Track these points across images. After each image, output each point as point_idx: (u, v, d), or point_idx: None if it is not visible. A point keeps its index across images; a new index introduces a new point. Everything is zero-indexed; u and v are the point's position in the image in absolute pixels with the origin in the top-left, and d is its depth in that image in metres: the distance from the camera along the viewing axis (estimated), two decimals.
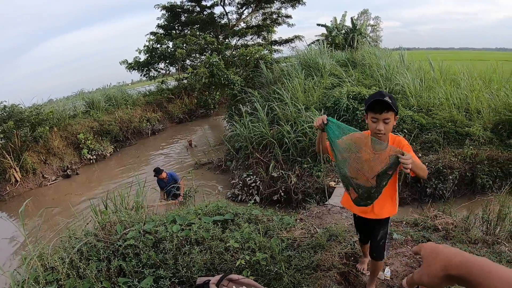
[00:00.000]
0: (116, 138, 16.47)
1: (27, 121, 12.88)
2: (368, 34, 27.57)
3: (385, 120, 2.67)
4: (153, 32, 24.54)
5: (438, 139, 8.13)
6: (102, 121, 16.27)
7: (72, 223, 4.39)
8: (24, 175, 12.67)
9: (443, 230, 4.58)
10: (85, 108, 17.63)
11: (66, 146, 14.50)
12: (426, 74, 11.54)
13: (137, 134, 17.53)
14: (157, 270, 3.10)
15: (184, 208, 4.70)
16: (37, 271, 3.15)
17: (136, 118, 17.73)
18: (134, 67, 22.46)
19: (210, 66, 15.06)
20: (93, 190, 11.23)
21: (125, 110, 17.91)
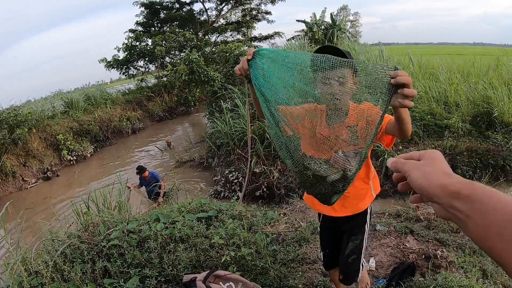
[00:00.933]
0: (96, 138, 16.28)
1: (5, 123, 12.66)
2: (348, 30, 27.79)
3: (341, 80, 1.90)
4: (132, 30, 24.39)
5: (418, 131, 8.26)
6: (82, 121, 16.06)
7: (54, 226, 4.35)
8: (4, 178, 12.45)
9: (425, 220, 4.67)
10: (64, 108, 17.37)
11: (45, 147, 14.30)
12: (405, 69, 11.69)
13: (118, 133, 17.37)
14: (143, 270, 3.09)
15: (167, 206, 4.70)
16: (21, 276, 3.11)
17: (116, 117, 17.57)
18: (113, 66, 22.24)
19: (189, 63, 15.01)
20: (75, 191, 11.11)
21: (105, 109, 17.72)
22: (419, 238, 4.18)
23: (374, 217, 4.97)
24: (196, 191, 9.09)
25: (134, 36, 22.63)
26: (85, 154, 15.11)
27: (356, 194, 2.44)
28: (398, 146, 8.03)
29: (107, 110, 17.77)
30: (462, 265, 3.52)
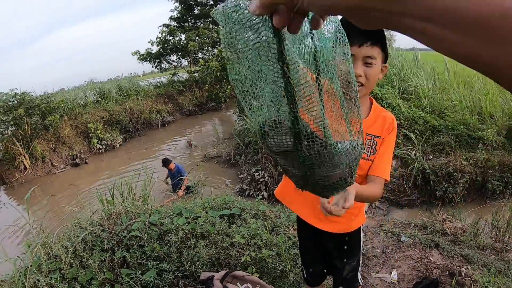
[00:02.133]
0: (126, 128, 16.45)
1: (37, 109, 12.92)
2: None
3: (368, 60, 1.60)
4: (166, 24, 24.52)
5: (450, 141, 8.02)
6: (113, 111, 16.25)
7: (78, 212, 4.37)
8: (33, 162, 12.72)
9: (452, 235, 4.51)
10: (96, 98, 17.67)
11: (75, 135, 14.52)
12: (440, 75, 11.41)
13: (147, 125, 17.47)
14: (161, 263, 3.06)
15: (191, 201, 4.66)
16: (40, 259, 3.12)
17: (146, 110, 17.67)
18: (146, 59, 22.43)
19: (222, 59, 15.00)
20: (101, 179, 11.21)
21: (136, 101, 17.87)
22: (444, 252, 4.03)
23: (400, 227, 4.84)
24: (221, 187, 9.04)
25: (168, 30, 22.76)
26: (114, 144, 15.28)
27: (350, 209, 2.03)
28: (429, 156, 7.82)
29: (138, 102, 17.92)
30: (487, 285, 3.36)
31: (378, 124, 1.78)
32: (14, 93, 12.72)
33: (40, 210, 7.78)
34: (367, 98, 1.84)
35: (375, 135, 1.75)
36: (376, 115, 1.81)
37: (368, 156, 1.75)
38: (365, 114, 1.81)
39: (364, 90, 1.67)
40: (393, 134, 1.80)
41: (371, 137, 1.75)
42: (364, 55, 1.58)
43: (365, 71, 1.61)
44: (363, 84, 1.63)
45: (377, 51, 1.60)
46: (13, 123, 12.32)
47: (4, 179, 12.23)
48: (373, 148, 1.75)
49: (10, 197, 11.26)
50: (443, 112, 9.09)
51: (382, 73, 1.71)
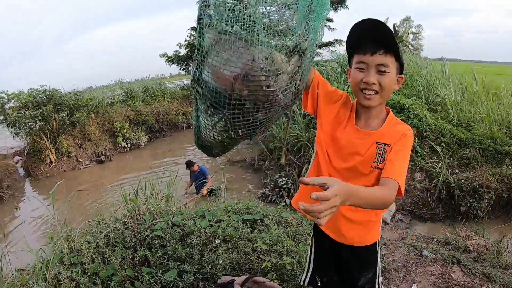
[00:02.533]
0: (151, 128, 16.61)
1: (66, 106, 13.16)
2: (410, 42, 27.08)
3: (381, 68, 1.57)
4: (195, 28, 24.76)
5: (476, 156, 7.81)
6: (139, 111, 16.45)
7: (101, 208, 4.41)
8: (59, 157, 12.97)
9: (474, 252, 4.40)
10: (123, 97, 17.95)
11: (102, 132, 14.75)
12: (468, 87, 11.16)
13: (172, 126, 17.62)
14: (182, 264, 3.05)
15: (214, 204, 4.66)
16: (62, 252, 3.15)
17: (172, 111, 17.82)
18: (174, 61, 22.62)
19: None
20: (125, 177, 11.33)
21: (162, 102, 18.05)
22: (465, 270, 3.92)
23: (422, 241, 4.75)
24: (244, 192, 9.03)
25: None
26: (139, 143, 15.44)
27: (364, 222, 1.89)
28: (454, 170, 7.65)
29: (165, 103, 18.09)
30: None
31: (390, 134, 1.70)
32: (43, 89, 12.94)
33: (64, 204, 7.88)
34: (383, 109, 1.78)
35: (385, 143, 1.68)
36: (390, 126, 1.74)
37: (377, 165, 1.67)
38: (378, 125, 1.75)
39: (379, 99, 1.65)
40: (406, 138, 1.69)
41: (381, 146, 1.68)
42: (377, 63, 1.56)
43: (379, 80, 1.58)
44: (377, 92, 1.61)
45: (390, 59, 1.57)
46: (41, 118, 12.54)
47: (30, 171, 12.49)
48: (382, 157, 1.67)
49: (34, 189, 11.48)
50: (470, 125, 8.87)
51: (398, 84, 1.68)
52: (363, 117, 1.77)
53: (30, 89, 12.81)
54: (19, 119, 12.12)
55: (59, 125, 12.99)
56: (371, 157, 1.68)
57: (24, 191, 11.39)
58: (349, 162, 1.75)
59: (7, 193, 10.48)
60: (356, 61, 1.64)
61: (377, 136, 1.70)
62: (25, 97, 12.29)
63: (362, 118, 1.77)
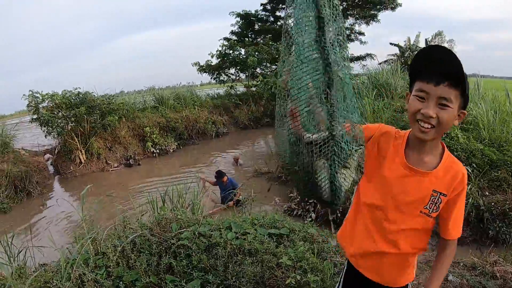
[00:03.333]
0: (180, 135, 16.73)
1: (98, 109, 13.43)
2: None
3: (442, 102, 1.41)
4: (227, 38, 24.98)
5: (508, 178, 7.55)
6: (169, 118, 16.61)
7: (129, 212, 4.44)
8: (89, 158, 13.23)
9: (501, 279, 4.25)
10: (154, 103, 18.18)
11: (132, 137, 14.95)
12: (502, 106, 10.85)
13: (202, 134, 17.71)
14: (206, 275, 3.03)
15: (241, 216, 4.64)
16: (88, 254, 3.18)
17: (202, 119, 17.92)
18: (205, 70, 22.84)
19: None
20: (153, 182, 11.41)
21: (192, 110, 18.18)
22: None
23: None
24: (270, 204, 8.97)
25: (228, 44, 23.13)
26: (168, 149, 15.57)
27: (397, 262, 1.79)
28: (485, 192, 7.42)
29: (195, 111, 18.22)
30: None
31: (447, 180, 1.58)
32: (77, 91, 13.27)
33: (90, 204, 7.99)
34: (438, 143, 1.63)
35: (441, 192, 1.58)
36: (446, 166, 1.60)
37: (429, 212, 1.59)
38: (434, 162, 1.61)
39: (434, 134, 1.47)
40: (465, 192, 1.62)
41: (437, 194, 1.57)
42: (439, 96, 1.40)
43: (438, 113, 1.42)
44: (434, 126, 1.44)
45: (454, 93, 1.40)
46: (74, 119, 12.85)
47: (59, 170, 12.80)
48: (436, 206, 1.59)
49: (62, 187, 11.72)
50: (502, 146, 8.57)
51: (458, 119, 1.51)
52: (416, 150, 1.61)
53: (64, 91, 13.16)
54: (52, 119, 12.42)
55: (91, 127, 13.24)
56: (422, 201, 1.59)
57: (53, 188, 11.64)
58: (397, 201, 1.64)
59: (36, 189, 10.71)
60: (416, 88, 1.47)
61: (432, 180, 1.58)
62: (59, 98, 12.59)
63: (415, 151, 1.62)
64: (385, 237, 1.70)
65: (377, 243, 1.72)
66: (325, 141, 1.38)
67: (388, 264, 1.77)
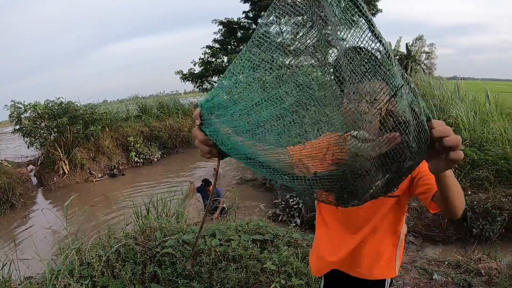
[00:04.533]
0: (164, 144, 16.70)
1: (81, 119, 13.34)
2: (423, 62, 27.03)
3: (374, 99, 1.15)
4: (209, 46, 25.00)
5: (490, 177, 7.67)
6: (153, 127, 16.60)
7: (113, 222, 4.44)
8: (72, 168, 13.11)
9: (486, 275, 4.33)
10: (137, 112, 18.11)
11: (115, 146, 14.88)
12: (481, 107, 11.05)
13: (186, 143, 17.64)
14: (191, 282, 3.05)
15: (225, 223, 4.67)
16: (73, 264, 3.18)
17: (186, 128, 17.88)
18: (188, 78, 22.81)
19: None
20: (137, 192, 11.36)
21: (176, 119, 18.17)
22: None
23: (433, 264, 4.69)
24: (255, 211, 8.98)
25: (210, 52, 23.13)
26: (152, 158, 15.51)
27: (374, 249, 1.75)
28: (467, 191, 7.54)
29: (178, 119, 18.20)
30: None
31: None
32: (60, 101, 13.20)
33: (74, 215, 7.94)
34: None
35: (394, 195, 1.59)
36: None
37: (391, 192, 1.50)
38: None
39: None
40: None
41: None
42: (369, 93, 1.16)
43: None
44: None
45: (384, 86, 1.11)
46: (57, 129, 12.76)
47: (43, 181, 12.68)
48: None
49: (46, 198, 11.60)
50: (483, 146, 8.73)
51: None
52: None
53: (47, 101, 13.07)
54: (34, 129, 12.33)
55: (74, 137, 13.14)
56: None
57: (36, 200, 11.52)
58: None
59: (19, 201, 10.62)
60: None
61: None
62: (42, 108, 12.50)
63: None
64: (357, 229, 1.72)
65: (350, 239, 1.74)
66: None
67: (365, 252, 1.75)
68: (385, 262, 1.80)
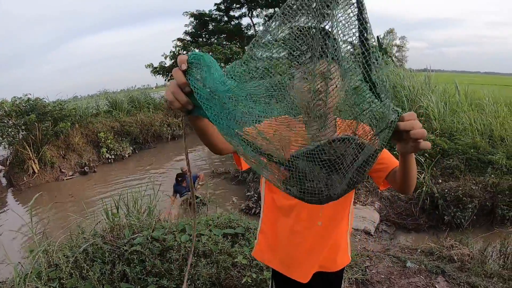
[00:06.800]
0: (136, 140, 16.48)
1: (49, 115, 13.06)
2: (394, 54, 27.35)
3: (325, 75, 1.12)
4: (180, 39, 24.84)
5: (460, 165, 7.86)
6: (124, 122, 16.35)
7: (82, 221, 4.37)
8: (42, 167, 12.80)
9: (459, 261, 4.43)
10: (108, 107, 17.86)
11: (86, 143, 14.61)
12: (451, 98, 11.28)
13: (157, 138, 17.48)
14: (161, 280, 3.03)
15: (196, 218, 4.64)
16: (41, 267, 3.12)
17: (157, 122, 17.71)
18: (159, 72, 22.63)
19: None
20: (108, 189, 11.22)
21: (147, 113, 17.96)
22: (450, 280, 3.94)
23: (406, 252, 4.78)
24: (227, 203, 8.97)
25: (181, 45, 23.01)
26: (123, 154, 15.30)
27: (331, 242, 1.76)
28: (438, 179, 7.69)
29: (150, 114, 18.01)
30: None
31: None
32: (27, 98, 12.90)
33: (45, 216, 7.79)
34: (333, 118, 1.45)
35: None
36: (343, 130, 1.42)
37: None
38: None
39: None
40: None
41: None
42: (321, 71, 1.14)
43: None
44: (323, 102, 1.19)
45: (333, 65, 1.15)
46: (25, 127, 12.47)
47: (12, 181, 12.33)
48: None
49: (16, 199, 11.34)
50: (453, 135, 8.96)
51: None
52: None
53: (14, 97, 12.76)
54: (1, 128, 12.05)
55: (43, 135, 12.84)
56: None
57: (6, 201, 11.24)
58: None
59: None
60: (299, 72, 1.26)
61: None
62: (9, 106, 12.21)
63: None
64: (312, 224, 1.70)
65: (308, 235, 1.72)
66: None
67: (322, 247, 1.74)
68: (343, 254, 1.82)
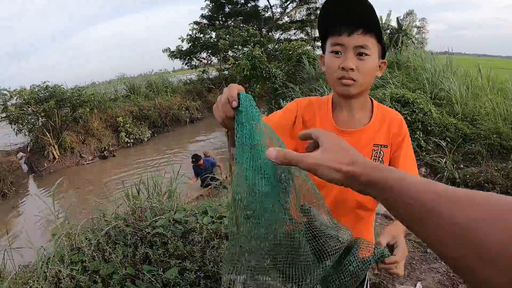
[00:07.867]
0: (154, 123, 16.61)
1: (68, 102, 13.23)
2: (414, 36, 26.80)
3: (360, 51, 1.28)
4: (197, 22, 24.76)
5: (482, 151, 7.66)
6: (142, 106, 16.46)
7: (103, 205, 4.37)
8: (62, 153, 13.02)
9: None
10: (126, 92, 17.98)
11: (105, 128, 14.77)
12: (473, 81, 11.01)
13: (175, 121, 17.60)
14: (183, 262, 2.99)
15: (217, 200, 4.61)
16: (63, 250, 3.11)
17: (175, 106, 17.79)
18: (176, 56, 22.66)
19: (252, 58, 15.03)
20: (128, 172, 11.29)
21: (165, 97, 18.05)
22: None
23: None
24: None
25: (198, 28, 22.94)
26: (142, 138, 15.43)
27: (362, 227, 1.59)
28: (460, 165, 7.54)
29: (167, 97, 18.08)
30: None
31: (384, 130, 1.46)
32: (46, 85, 13.04)
33: (66, 200, 7.87)
34: (367, 98, 1.49)
35: (382, 144, 1.45)
36: (380, 117, 1.47)
37: None
38: (367, 117, 1.48)
39: (358, 87, 1.34)
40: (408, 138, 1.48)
41: (378, 148, 1.45)
42: (355, 45, 1.27)
43: (358, 65, 1.29)
44: (355, 80, 1.30)
45: (371, 41, 1.29)
46: (44, 114, 12.62)
47: (33, 167, 12.56)
48: (380, 160, 1.45)
49: (37, 185, 11.49)
50: (475, 120, 8.73)
51: (380, 71, 1.40)
52: (345, 111, 1.46)
53: (32, 85, 12.93)
54: (21, 115, 12.20)
55: (62, 121, 13.02)
56: None
57: (28, 187, 11.43)
58: None
59: (11, 189, 10.54)
60: (330, 44, 1.34)
61: (369, 135, 1.45)
62: (28, 94, 12.37)
63: (343, 113, 1.47)
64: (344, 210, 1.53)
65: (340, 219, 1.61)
66: None
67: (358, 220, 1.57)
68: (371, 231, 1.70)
